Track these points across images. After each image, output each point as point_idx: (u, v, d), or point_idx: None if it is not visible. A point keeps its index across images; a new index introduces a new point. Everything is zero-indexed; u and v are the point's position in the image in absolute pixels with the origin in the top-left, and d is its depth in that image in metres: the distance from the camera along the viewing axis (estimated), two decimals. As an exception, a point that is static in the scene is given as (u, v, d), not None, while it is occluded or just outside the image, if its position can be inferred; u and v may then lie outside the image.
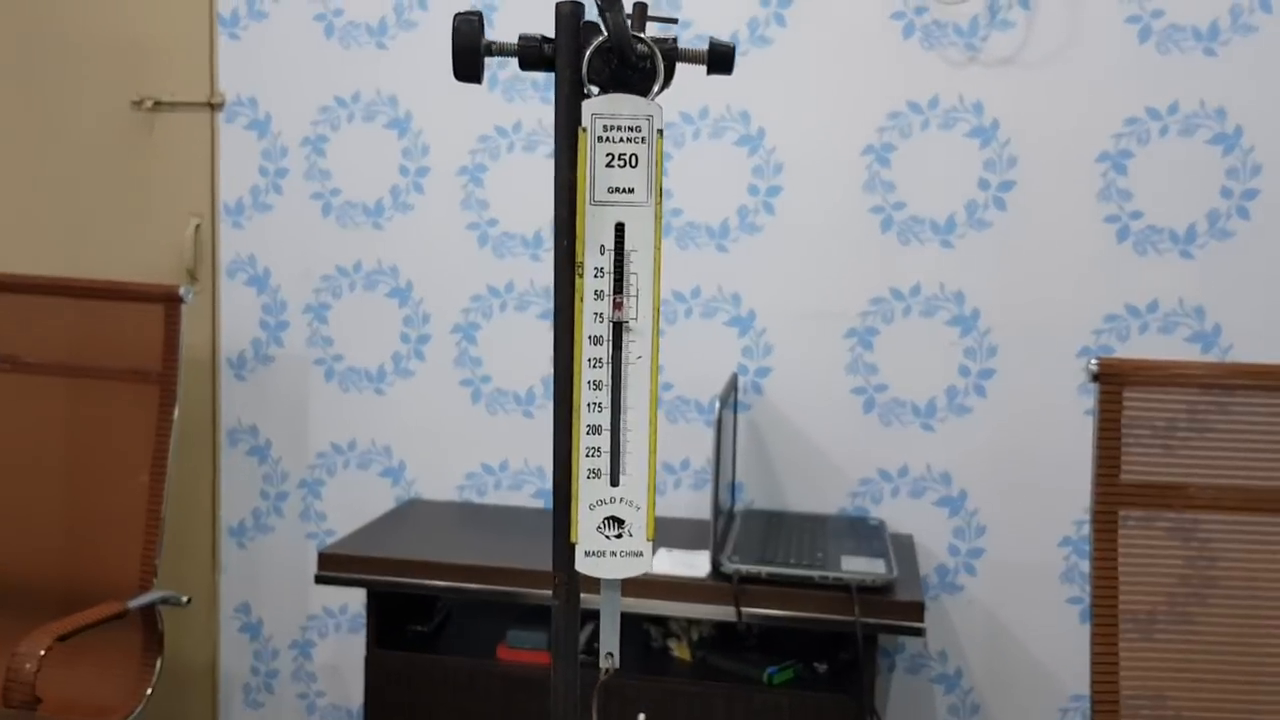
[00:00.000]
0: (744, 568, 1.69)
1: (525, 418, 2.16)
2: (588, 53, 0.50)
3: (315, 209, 2.20)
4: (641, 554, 0.40)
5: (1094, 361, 1.26)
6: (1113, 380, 1.26)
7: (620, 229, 0.46)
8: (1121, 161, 1.91)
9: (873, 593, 1.66)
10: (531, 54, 0.54)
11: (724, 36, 2.02)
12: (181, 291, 1.90)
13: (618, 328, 0.43)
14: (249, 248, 2.23)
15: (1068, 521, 1.98)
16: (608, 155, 0.47)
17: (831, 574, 1.67)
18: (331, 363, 2.22)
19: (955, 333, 1.99)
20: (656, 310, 0.45)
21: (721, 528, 1.78)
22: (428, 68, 2.12)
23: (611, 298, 0.44)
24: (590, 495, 0.40)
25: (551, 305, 2.12)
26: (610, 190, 0.47)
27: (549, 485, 2.17)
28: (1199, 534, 1.31)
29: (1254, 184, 1.88)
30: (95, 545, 1.94)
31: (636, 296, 0.45)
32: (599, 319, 0.44)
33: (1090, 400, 1.94)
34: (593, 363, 0.42)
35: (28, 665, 1.53)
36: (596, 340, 0.43)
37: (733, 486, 2.06)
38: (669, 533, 1.97)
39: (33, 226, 2.31)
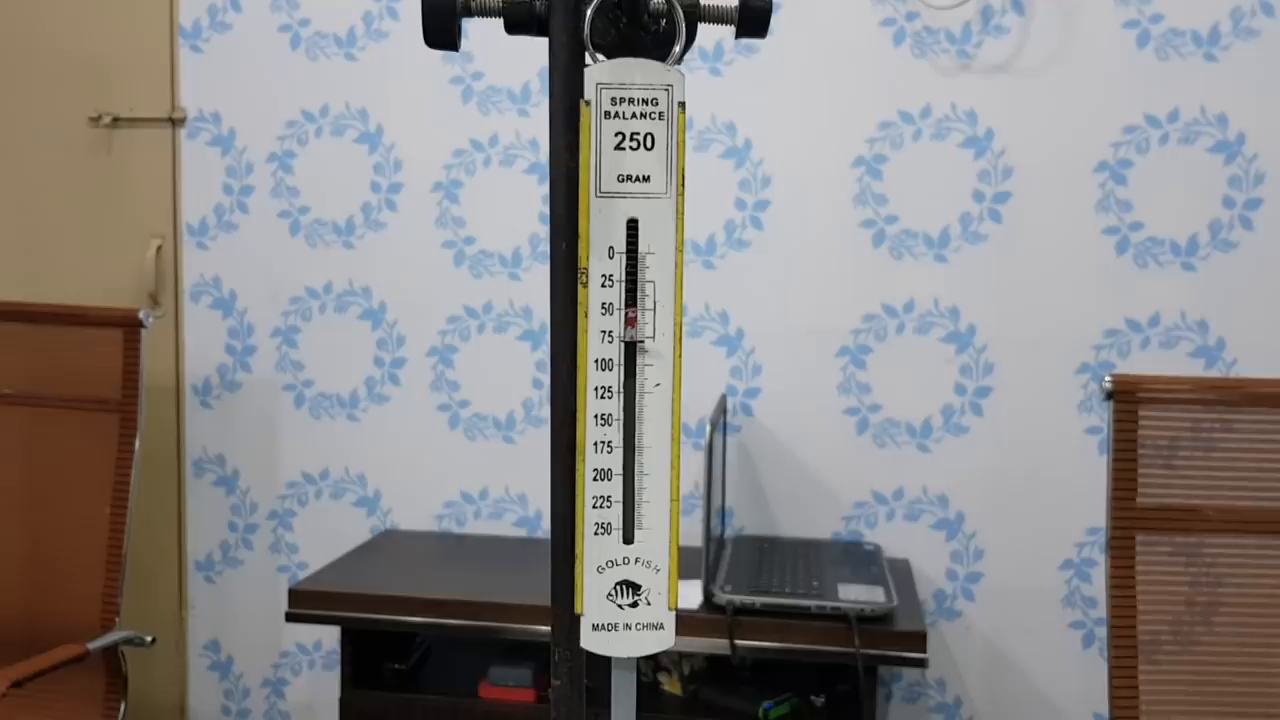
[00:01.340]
0: (738, 598, 1.61)
1: (506, 443, 2.08)
2: (589, 10, 0.41)
3: (283, 228, 2.11)
4: (663, 626, 0.32)
5: (1108, 379, 1.19)
6: (1128, 398, 1.19)
7: (633, 226, 0.37)
8: (1121, 171, 1.85)
9: (872, 622, 1.58)
10: (520, 13, 0.44)
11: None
12: (141, 315, 1.81)
13: (631, 349, 0.35)
14: (214, 269, 2.14)
15: (1069, 544, 1.91)
16: (617, 135, 0.38)
17: (829, 604, 1.59)
18: (302, 388, 2.13)
19: (951, 350, 1.92)
20: (679, 326, 0.37)
21: (713, 556, 1.70)
22: (399, 79, 2.04)
23: (623, 312, 0.36)
24: (599, 556, 0.32)
25: (532, 326, 2.04)
26: (620, 179, 0.38)
27: (531, 513, 2.09)
28: (1206, 557, 1.25)
29: (1257, 193, 1.83)
30: (54, 583, 1.84)
31: (654, 310, 0.36)
32: (607, 338, 0.35)
33: (1091, 418, 1.88)
34: (600, 392, 0.34)
35: (-24, 716, 1.43)
36: (604, 365, 0.35)
37: (723, 512, 1.98)
38: (657, 561, 1.89)
39: (-13, 249, 2.22)
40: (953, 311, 1.92)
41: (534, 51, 1.97)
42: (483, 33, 2.00)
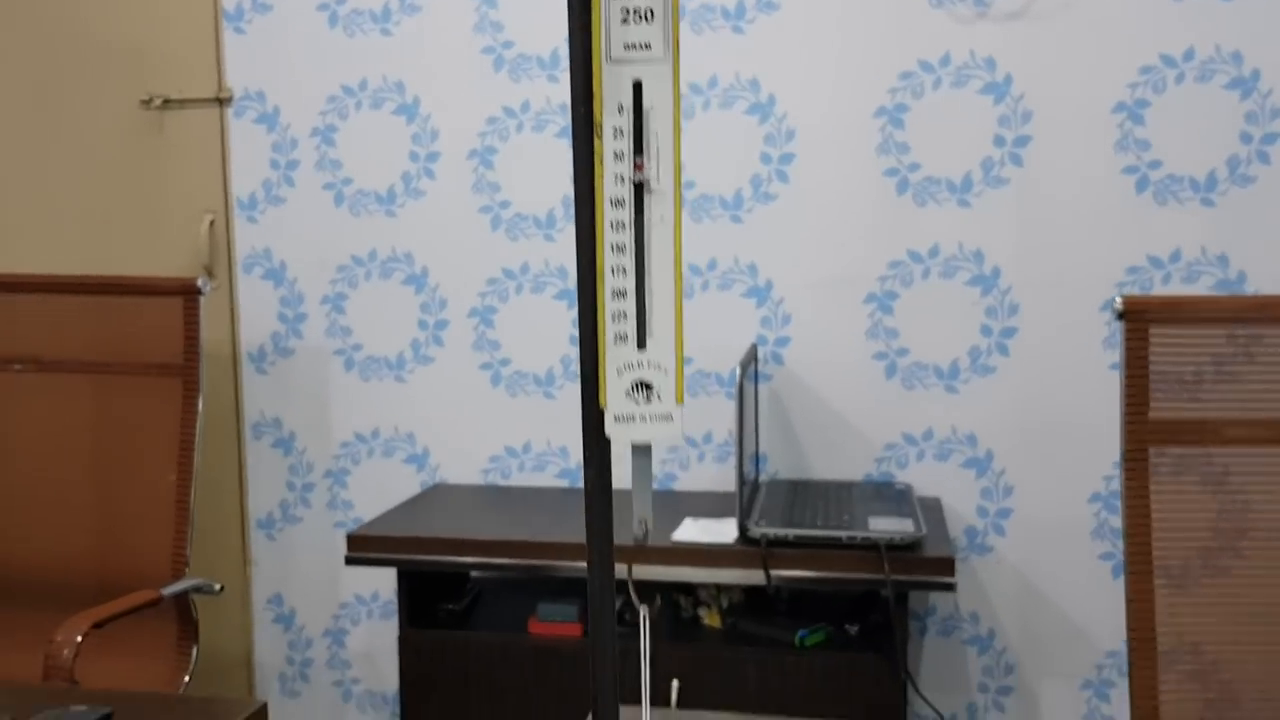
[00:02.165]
0: (771, 531, 1.68)
1: (546, 398, 2.16)
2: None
3: (328, 199, 2.20)
4: (671, 417, 0.40)
5: (1119, 299, 1.24)
6: (1139, 317, 1.25)
7: (638, 87, 0.45)
8: (1138, 111, 1.90)
9: (901, 550, 1.65)
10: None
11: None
12: (199, 283, 1.91)
13: (639, 190, 0.43)
14: (264, 241, 2.24)
15: (1097, 477, 1.96)
16: (623, 10, 0.46)
17: (859, 534, 1.66)
18: (351, 352, 2.23)
19: (976, 292, 1.98)
20: (678, 171, 0.44)
21: (747, 496, 1.78)
22: (433, 52, 2.12)
23: (631, 158, 0.44)
24: (617, 360, 0.40)
25: (568, 285, 2.12)
26: (626, 47, 0.46)
27: (572, 465, 2.17)
28: (1231, 483, 1.30)
29: (1274, 128, 1.86)
30: (126, 539, 1.95)
31: (657, 157, 0.44)
32: (619, 181, 0.43)
33: (1114, 354, 1.93)
34: (615, 226, 0.41)
35: (65, 652, 1.54)
36: (618, 203, 0.42)
37: (756, 458, 2.05)
38: (694, 505, 1.97)
39: (49, 230, 2.33)
40: (977, 255, 1.97)
41: (561, 19, 2.04)
42: (513, 2, 2.08)
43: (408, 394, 2.21)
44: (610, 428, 0.39)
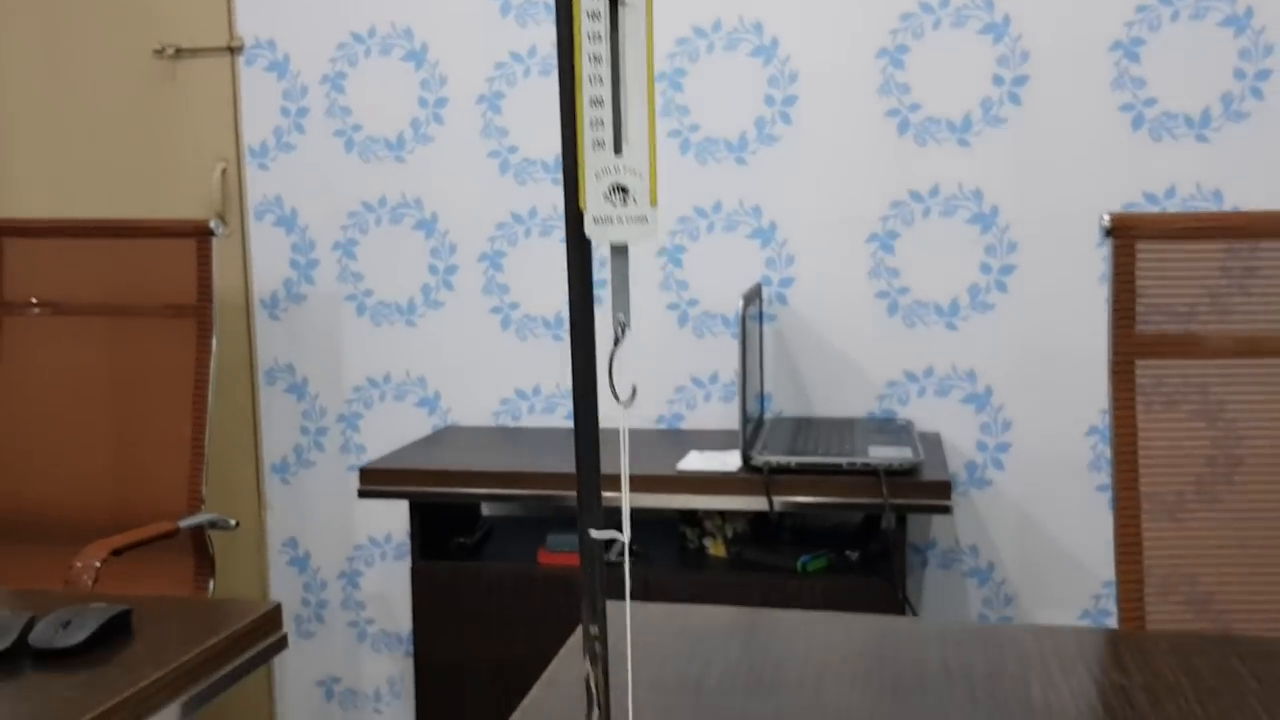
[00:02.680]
0: (774, 459, 1.72)
1: (555, 341, 2.20)
2: None
3: (338, 146, 2.24)
4: (646, 219, 0.43)
5: (1106, 216, 1.28)
6: (1126, 234, 1.28)
7: None
8: (1134, 49, 1.92)
9: (900, 475, 1.69)
10: None
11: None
12: (212, 225, 1.95)
13: (614, 4, 0.46)
14: (275, 188, 2.28)
15: (1094, 411, 2.00)
16: None
17: (859, 460, 1.70)
18: (362, 298, 2.27)
19: (975, 231, 2.01)
20: (651, -14, 0.48)
21: (751, 431, 1.82)
22: (441, -2, 2.16)
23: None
24: (595, 164, 0.43)
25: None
26: None
27: (580, 405, 2.21)
28: (1214, 397, 1.33)
29: (1266, 64, 1.88)
30: (143, 477, 2.00)
31: None
32: (596, -5, 0.47)
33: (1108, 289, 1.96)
34: (591, 37, 0.45)
35: (85, 577, 1.59)
36: (594, 16, 0.46)
37: (761, 396, 2.09)
38: (701, 442, 2.01)
39: (62, 180, 2.37)
40: (976, 194, 2.00)
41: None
42: (517, -52, 2.11)
43: (418, 338, 2.26)
44: (590, 229, 0.43)
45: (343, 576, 2.36)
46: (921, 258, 2.03)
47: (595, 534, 0.47)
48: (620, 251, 0.44)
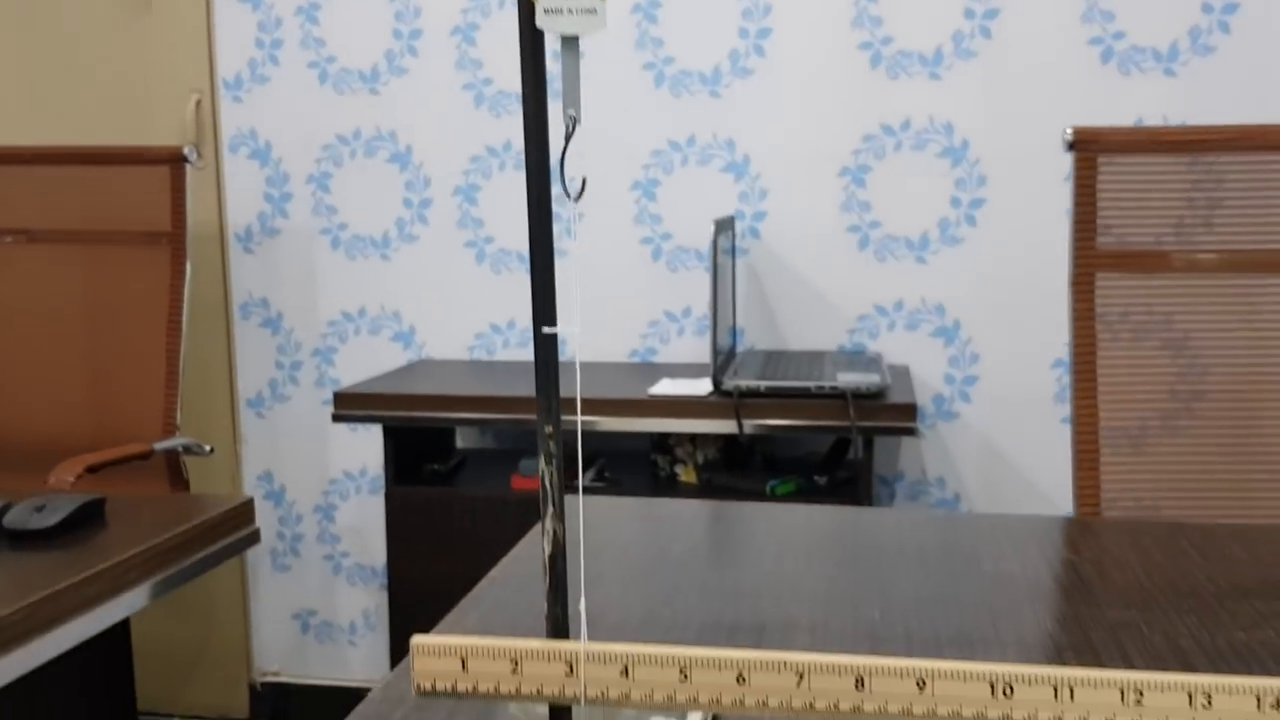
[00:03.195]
0: (744, 383, 1.75)
1: (528, 274, 2.21)
2: None
3: (312, 78, 2.23)
4: (595, 11, 0.45)
5: (1069, 130, 1.30)
6: (1088, 147, 1.30)
7: None
8: (1103, -17, 1.94)
9: (867, 399, 1.71)
10: None
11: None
12: (186, 152, 1.95)
13: None
14: (249, 121, 2.27)
15: (1059, 343, 2.03)
16: None
17: (828, 384, 1.72)
18: (337, 231, 2.27)
19: (946, 164, 2.03)
20: None
21: (722, 360, 1.84)
22: (416, -71, 2.15)
23: None
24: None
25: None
26: None
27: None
28: (1164, 297, 1.36)
29: (1235, -2, 1.91)
30: (118, 404, 2.01)
31: None
32: None
33: (1079, 221, 1.98)
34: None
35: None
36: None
37: (733, 330, 2.11)
38: (672, 373, 2.03)
39: (36, 110, 2.36)
40: (947, 127, 2.02)
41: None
42: (493, -122, 2.10)
43: (393, 272, 2.26)
44: (541, 20, 0.45)
45: (318, 510, 2.38)
46: (892, 192, 2.05)
47: (548, 330, 0.49)
48: (570, 43, 0.45)
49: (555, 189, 0.47)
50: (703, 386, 1.82)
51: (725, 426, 1.74)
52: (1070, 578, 0.87)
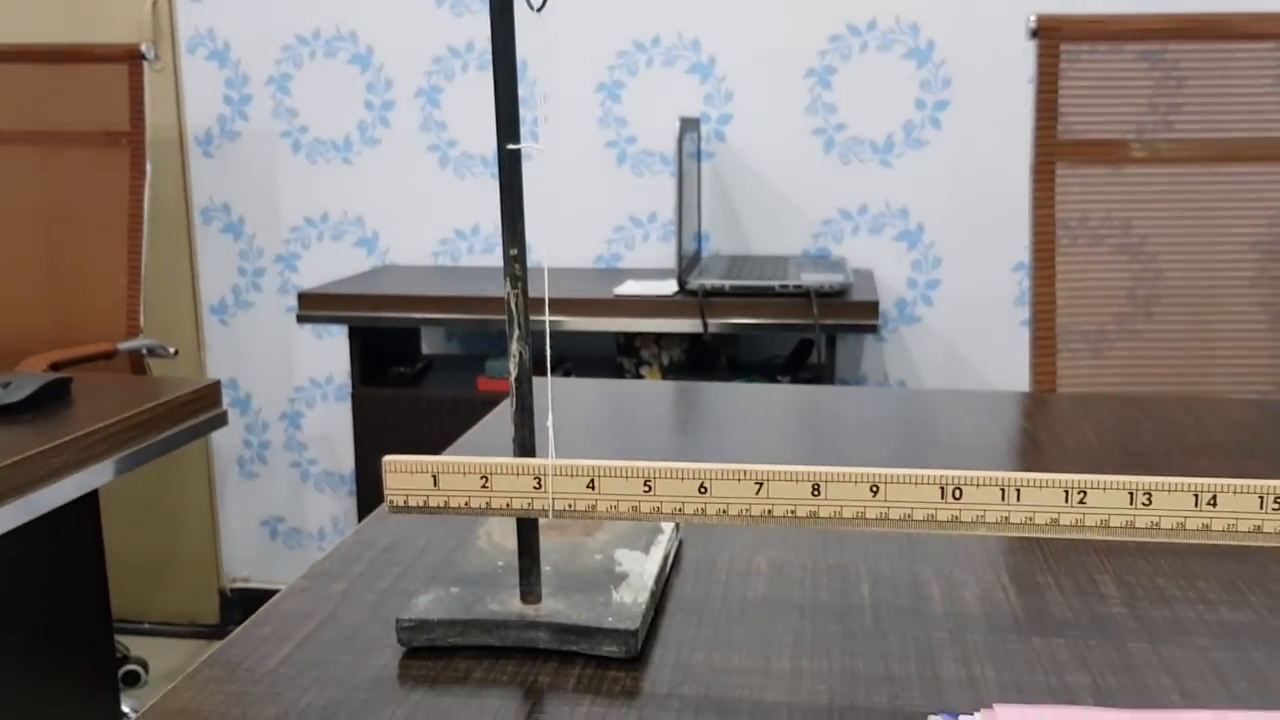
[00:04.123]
0: (709, 282, 1.76)
1: (494, 179, 2.20)
2: None
3: (272, -23, 2.19)
4: None
5: (1033, 17, 1.30)
6: (1052, 35, 1.31)
7: None
8: (1071, -118, 1.93)
9: (830, 297, 1.73)
10: None
11: None
12: (144, 49, 1.91)
13: None
14: (207, 21, 2.23)
15: (1021, 247, 2.05)
16: None
17: (792, 283, 1.74)
18: (298, 135, 2.25)
19: (911, 66, 2.03)
20: None
21: (688, 263, 1.84)
22: None
23: None
24: None
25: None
26: None
27: (520, 243, 2.22)
28: (1123, 187, 1.38)
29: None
30: (80, 305, 1.99)
31: None
32: None
33: (1041, 124, 1.99)
34: None
35: (24, 389, 1.59)
36: None
37: (698, 235, 2.12)
38: (637, 277, 2.04)
39: (-12, 11, 2.30)
40: (912, 28, 2.01)
41: None
42: None
43: (356, 177, 2.24)
44: None
45: (284, 418, 2.38)
46: (858, 94, 2.05)
47: (512, 146, 0.49)
48: None
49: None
50: (668, 287, 1.83)
51: (690, 326, 1.75)
52: (1024, 443, 0.89)
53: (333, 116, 2.22)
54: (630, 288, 1.84)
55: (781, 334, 1.89)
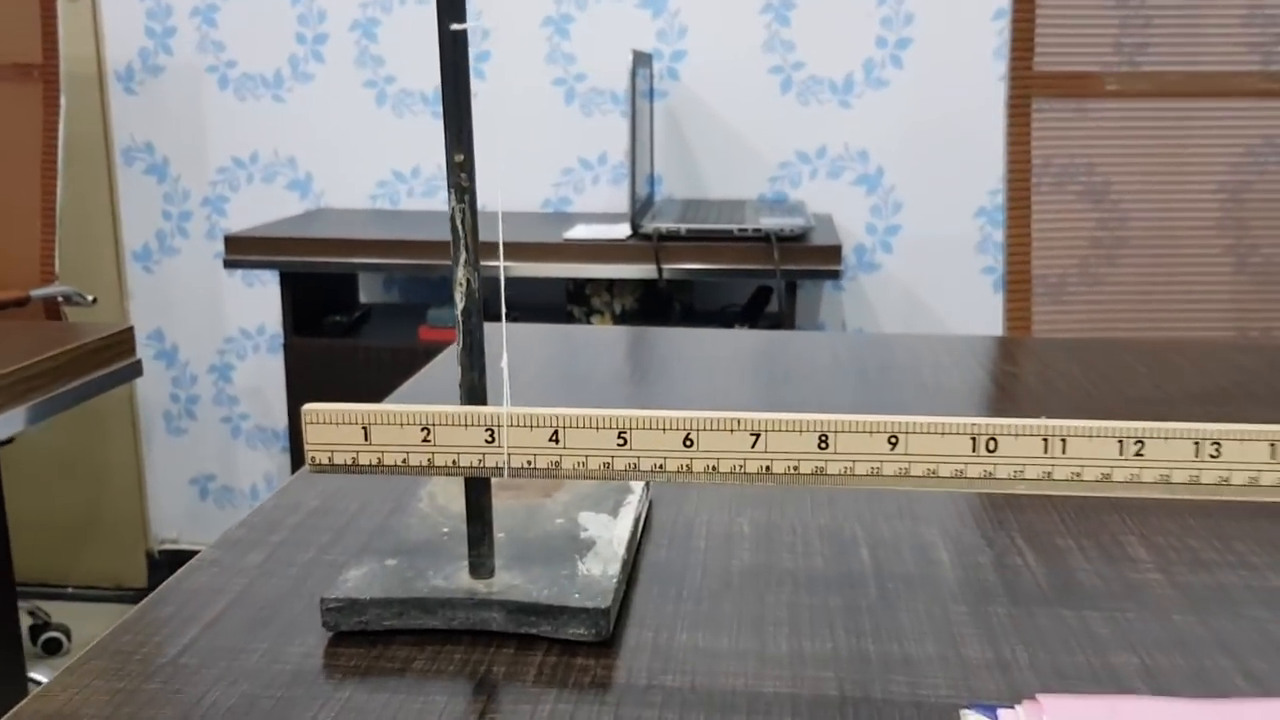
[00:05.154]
0: (664, 226, 1.67)
1: (435, 119, 2.09)
2: None
3: (194, -101, 2.05)
4: None
5: (1011, -60, 1.22)
6: (1030, -40, 1.23)
7: None
8: None
9: (791, 241, 1.65)
10: None
11: None
12: (53, -28, 1.77)
13: None
14: (125, -54, 2.08)
15: (983, 192, 1.99)
16: None
17: (751, 226, 1.66)
18: (225, 69, 2.11)
19: (872, 2, 1.95)
20: None
21: (641, 205, 1.75)
22: None
23: None
24: None
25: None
26: None
27: (463, 186, 2.12)
28: (1099, 120, 1.31)
29: None
30: (-11, 255, 1.86)
31: None
32: None
33: (1005, 64, 1.92)
34: None
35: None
36: None
37: (651, 178, 2.03)
38: (588, 221, 1.95)
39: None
40: (874, -37, 1.93)
41: None
42: None
43: (287, 114, 2.12)
44: None
45: (213, 370, 2.27)
46: (816, 30, 1.97)
47: (456, 26, 0.40)
48: None
49: None
50: (621, 230, 1.74)
51: (644, 271, 1.67)
52: (1015, 387, 0.82)
53: (262, 50, 2.09)
54: (581, 231, 1.75)
55: (739, 280, 1.82)
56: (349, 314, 1.92)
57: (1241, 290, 1.53)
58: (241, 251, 1.74)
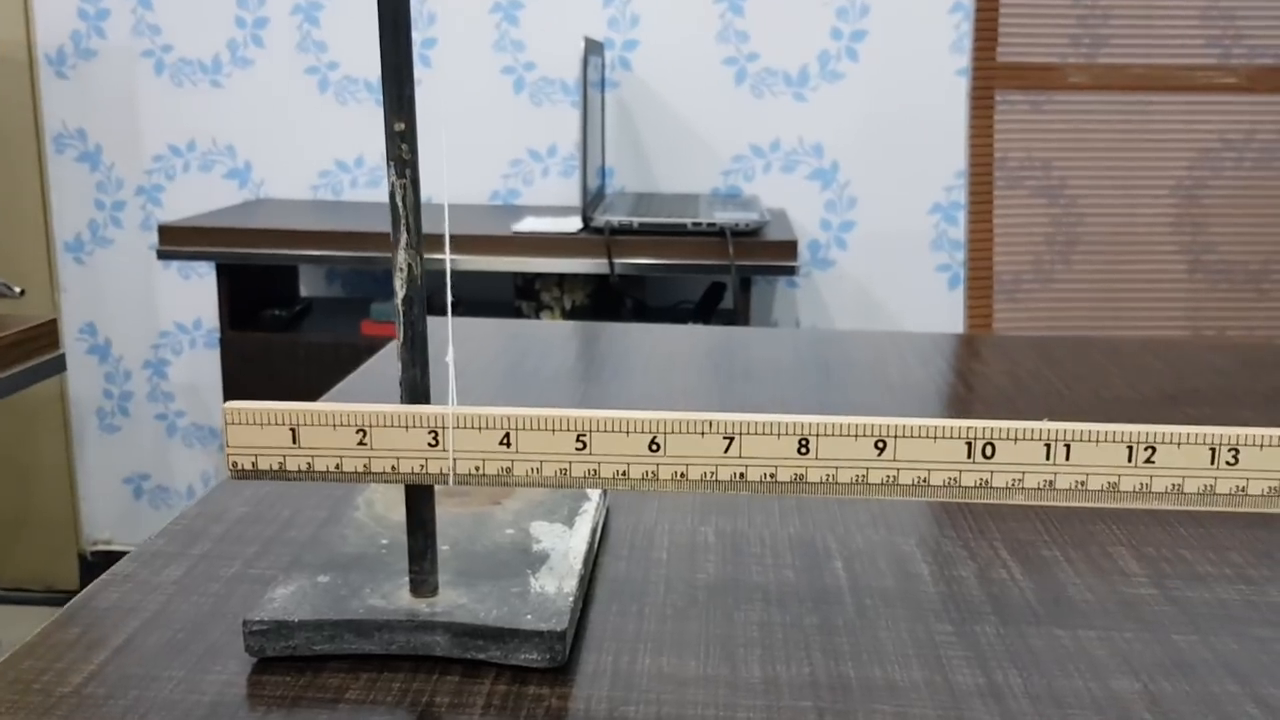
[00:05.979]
0: (616, 219, 1.63)
1: (379, 107, 2.03)
2: None
3: (128, -125, 1.97)
4: None
5: (974, -71, 1.20)
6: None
7: None
8: None
9: (745, 236, 1.62)
10: None
11: None
12: (-24, -53, 1.69)
13: None
14: (55, -77, 2.00)
15: (938, 187, 1.97)
16: None
17: (705, 220, 1.62)
18: (161, 54, 2.04)
19: (827, -6, 1.92)
20: None
21: (592, 198, 1.71)
22: None
23: None
24: None
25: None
26: None
27: (409, 177, 2.06)
28: (1062, 112, 1.29)
29: None
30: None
31: None
32: None
33: (962, 58, 1.91)
34: None
35: None
36: None
37: (602, 170, 1.98)
38: (537, 214, 1.90)
39: None
40: (830, -46, 1.90)
41: None
42: None
43: (225, 101, 2.05)
44: None
45: (148, 366, 2.19)
46: (771, 21, 1.93)
47: (399, -20, 0.36)
48: None
49: None
50: (572, 224, 1.70)
51: (595, 266, 1.63)
52: (985, 388, 0.79)
53: (200, 34, 2.02)
54: (530, 224, 1.70)
55: (693, 276, 1.78)
56: (289, 308, 1.85)
57: (1196, 289, 1.52)
58: (177, 242, 1.67)
